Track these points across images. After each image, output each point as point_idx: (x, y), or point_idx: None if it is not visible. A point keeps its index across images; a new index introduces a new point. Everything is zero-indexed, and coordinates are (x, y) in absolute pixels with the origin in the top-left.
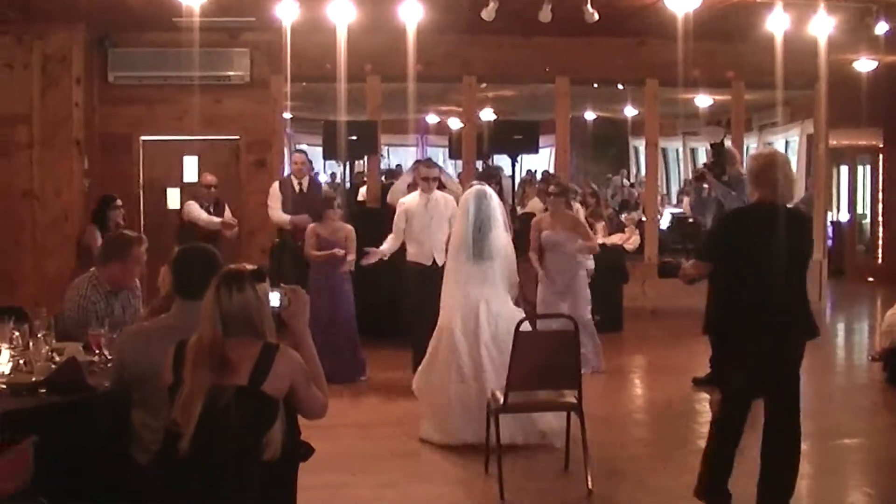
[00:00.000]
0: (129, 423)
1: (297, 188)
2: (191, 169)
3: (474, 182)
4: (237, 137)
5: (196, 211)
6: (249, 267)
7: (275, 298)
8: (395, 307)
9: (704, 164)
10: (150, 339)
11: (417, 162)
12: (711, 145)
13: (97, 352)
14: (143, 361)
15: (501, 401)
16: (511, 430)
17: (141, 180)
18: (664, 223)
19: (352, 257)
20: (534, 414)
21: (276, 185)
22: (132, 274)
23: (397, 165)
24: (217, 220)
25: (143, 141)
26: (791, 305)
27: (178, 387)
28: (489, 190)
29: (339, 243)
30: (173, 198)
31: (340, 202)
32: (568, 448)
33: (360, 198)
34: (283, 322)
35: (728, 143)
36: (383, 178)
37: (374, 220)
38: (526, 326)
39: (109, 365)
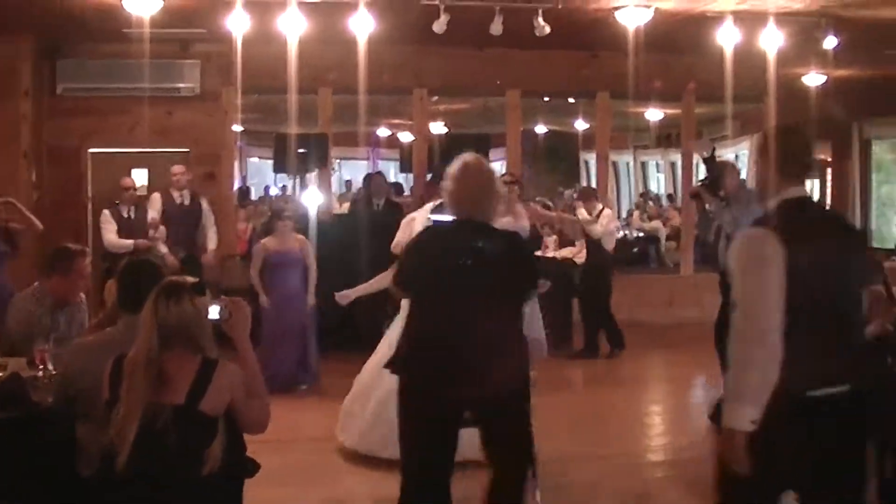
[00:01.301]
0: (73, 438)
1: (178, 201)
2: (140, 182)
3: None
4: (187, 150)
5: (106, 231)
6: (189, 280)
7: (214, 311)
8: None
9: (700, 182)
10: (95, 353)
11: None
12: (704, 160)
13: (41, 367)
14: (88, 376)
15: None
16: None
17: (90, 193)
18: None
19: (314, 273)
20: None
21: (106, 212)
22: (76, 287)
23: (347, 181)
24: (129, 242)
25: (92, 153)
26: (478, 349)
27: (115, 403)
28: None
29: (292, 255)
30: None
31: (290, 213)
32: None
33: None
34: (224, 334)
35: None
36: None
37: (330, 231)
38: None
39: (54, 380)
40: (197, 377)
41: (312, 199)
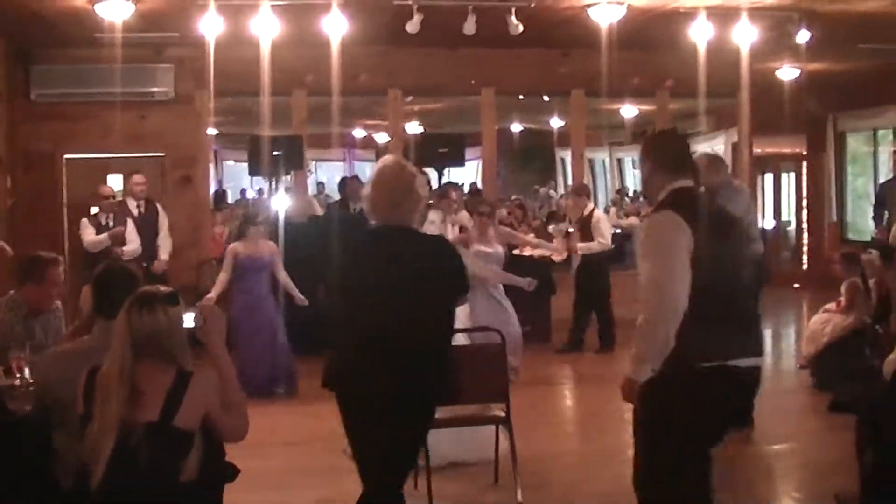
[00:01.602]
0: (50, 448)
1: (135, 212)
2: (115, 187)
3: None
4: (162, 154)
5: (85, 235)
6: (163, 289)
7: (189, 318)
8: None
9: None
10: (72, 361)
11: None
12: None
13: (18, 376)
14: (65, 384)
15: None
16: (446, 447)
17: (65, 199)
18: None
19: (284, 278)
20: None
21: (84, 220)
22: (49, 296)
23: (319, 184)
24: (102, 236)
25: (67, 159)
26: (407, 358)
27: (89, 419)
28: None
29: (262, 260)
30: None
31: (262, 219)
32: (497, 461)
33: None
34: (199, 341)
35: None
36: None
37: (307, 234)
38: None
39: (31, 388)
40: (171, 392)
41: (283, 202)
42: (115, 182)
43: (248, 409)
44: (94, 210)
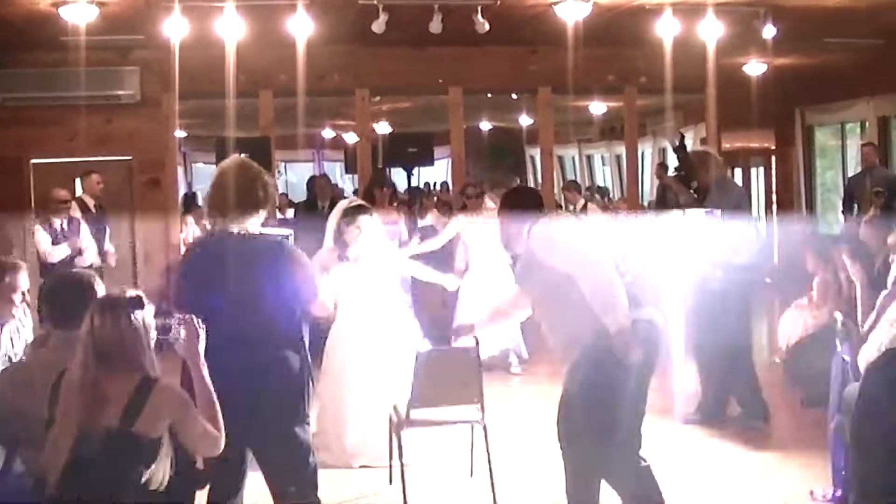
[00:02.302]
0: (12, 464)
1: (93, 209)
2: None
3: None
4: (129, 157)
5: (39, 244)
6: (129, 293)
7: (168, 330)
8: None
9: (674, 172)
10: (30, 375)
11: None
12: (674, 149)
13: None
14: (25, 399)
15: (404, 415)
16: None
17: (32, 204)
18: None
19: None
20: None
21: (38, 226)
22: (9, 302)
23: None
24: (60, 247)
25: (34, 164)
26: (250, 371)
27: (51, 424)
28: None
29: None
30: None
31: None
32: (472, 456)
33: None
34: (167, 346)
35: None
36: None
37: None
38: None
39: None
40: (132, 397)
41: None
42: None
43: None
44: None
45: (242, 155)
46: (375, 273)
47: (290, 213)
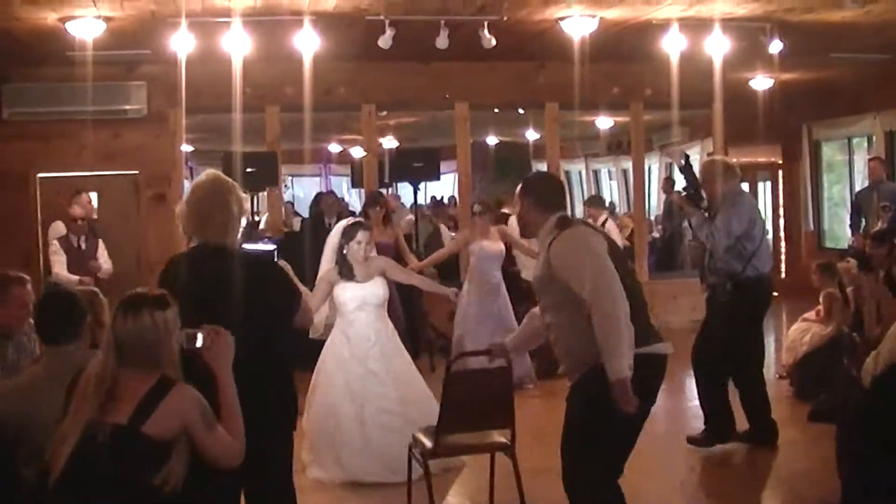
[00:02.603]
0: (14, 481)
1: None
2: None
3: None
4: (136, 172)
5: (56, 265)
6: (153, 293)
7: (197, 339)
8: None
9: (683, 192)
10: (26, 392)
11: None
12: (680, 170)
13: None
14: (23, 416)
15: (429, 444)
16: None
17: (39, 218)
18: None
19: None
20: None
21: (55, 242)
22: (16, 316)
23: (287, 203)
24: (74, 279)
25: (41, 178)
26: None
27: (63, 419)
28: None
29: None
30: None
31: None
32: (492, 485)
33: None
34: (192, 355)
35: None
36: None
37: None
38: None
39: None
40: (145, 398)
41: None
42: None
43: None
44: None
45: (209, 171)
46: (377, 288)
47: (296, 222)
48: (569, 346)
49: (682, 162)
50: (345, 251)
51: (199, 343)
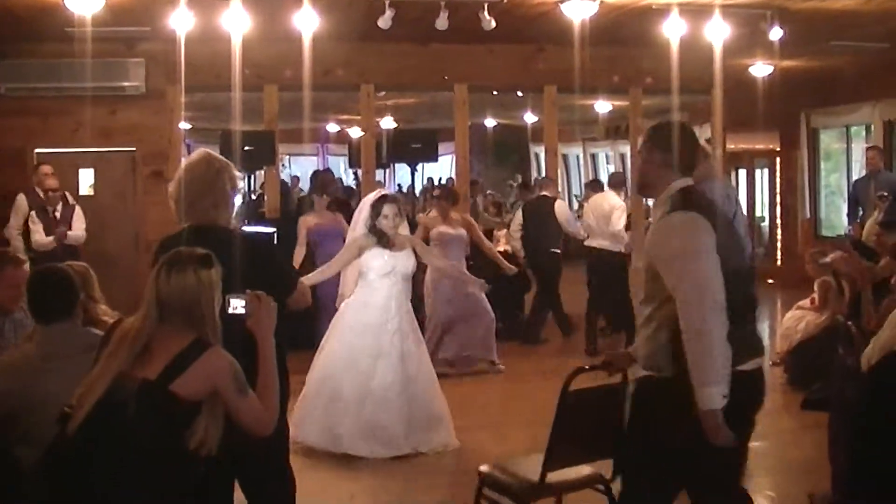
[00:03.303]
0: (7, 460)
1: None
2: (86, 182)
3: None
4: (133, 149)
5: (33, 233)
6: (198, 251)
7: (239, 304)
8: None
9: None
10: (18, 371)
11: None
12: None
13: None
14: (15, 395)
15: (518, 481)
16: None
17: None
18: None
19: None
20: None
21: (32, 213)
22: (10, 296)
23: (293, 178)
24: (49, 239)
25: (38, 153)
26: None
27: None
28: None
29: None
30: None
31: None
32: None
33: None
34: (248, 330)
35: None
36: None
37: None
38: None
39: None
40: (178, 356)
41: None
42: (86, 177)
43: None
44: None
45: (200, 150)
46: (408, 259)
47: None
48: (651, 336)
49: None
50: (376, 225)
51: (241, 309)
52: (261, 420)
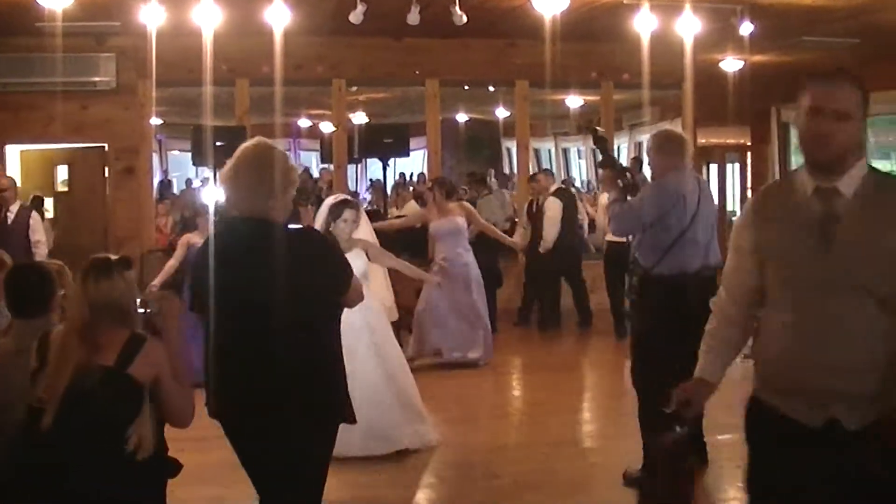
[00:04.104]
0: None
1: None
2: (61, 178)
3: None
4: (104, 145)
5: None
6: (115, 256)
7: (149, 303)
8: None
9: (598, 165)
10: None
11: None
12: (594, 140)
13: None
14: None
15: None
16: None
17: None
18: None
19: None
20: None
21: None
22: None
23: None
24: None
25: (21, 151)
26: (276, 374)
27: (42, 369)
28: None
29: None
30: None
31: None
32: None
33: None
34: (154, 329)
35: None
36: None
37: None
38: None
39: None
40: (126, 345)
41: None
42: (60, 173)
43: (198, 402)
44: None
45: (254, 138)
46: (356, 259)
47: None
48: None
49: (595, 133)
50: (331, 228)
51: (150, 308)
52: (188, 408)
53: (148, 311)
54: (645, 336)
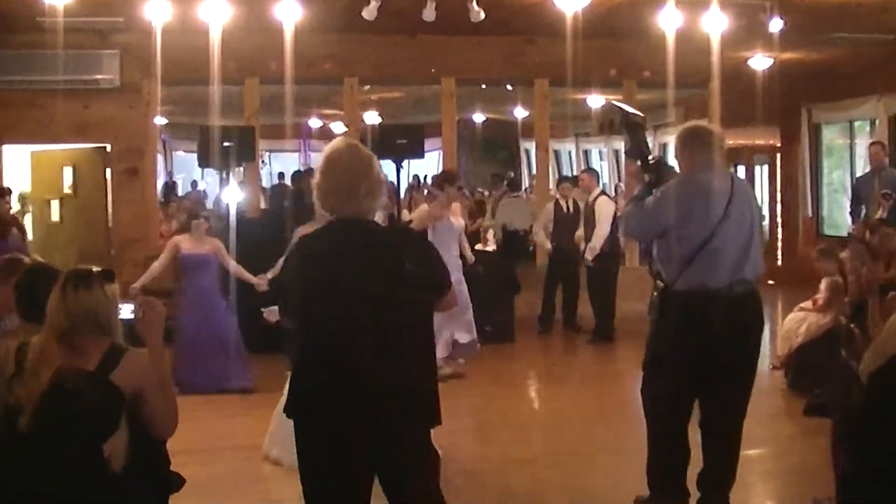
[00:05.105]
0: None
1: None
2: (67, 180)
3: None
4: (107, 145)
5: None
6: (97, 268)
7: (128, 310)
8: None
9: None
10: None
11: None
12: (624, 122)
13: None
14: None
15: None
16: None
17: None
18: None
19: (234, 267)
20: None
21: None
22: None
23: (280, 174)
24: None
25: (32, 151)
26: (376, 375)
27: (18, 375)
28: None
29: (206, 257)
30: None
31: (206, 213)
32: None
33: None
34: (136, 336)
35: None
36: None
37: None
38: None
39: None
40: (107, 352)
41: (233, 195)
42: (66, 175)
43: (200, 411)
44: None
45: (341, 138)
46: None
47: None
48: None
49: (625, 120)
50: None
51: (129, 314)
52: (171, 417)
53: (133, 316)
54: (658, 359)
